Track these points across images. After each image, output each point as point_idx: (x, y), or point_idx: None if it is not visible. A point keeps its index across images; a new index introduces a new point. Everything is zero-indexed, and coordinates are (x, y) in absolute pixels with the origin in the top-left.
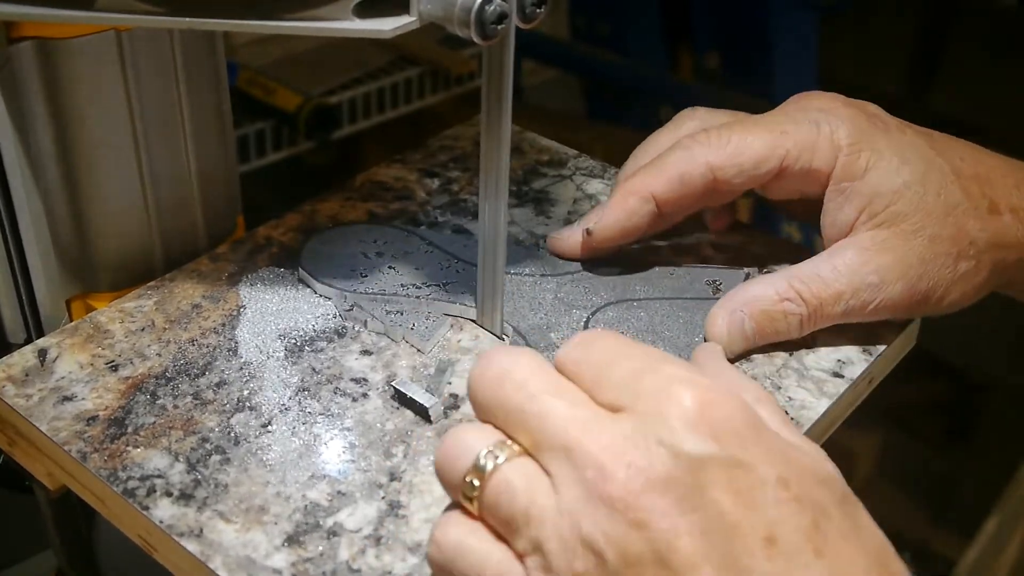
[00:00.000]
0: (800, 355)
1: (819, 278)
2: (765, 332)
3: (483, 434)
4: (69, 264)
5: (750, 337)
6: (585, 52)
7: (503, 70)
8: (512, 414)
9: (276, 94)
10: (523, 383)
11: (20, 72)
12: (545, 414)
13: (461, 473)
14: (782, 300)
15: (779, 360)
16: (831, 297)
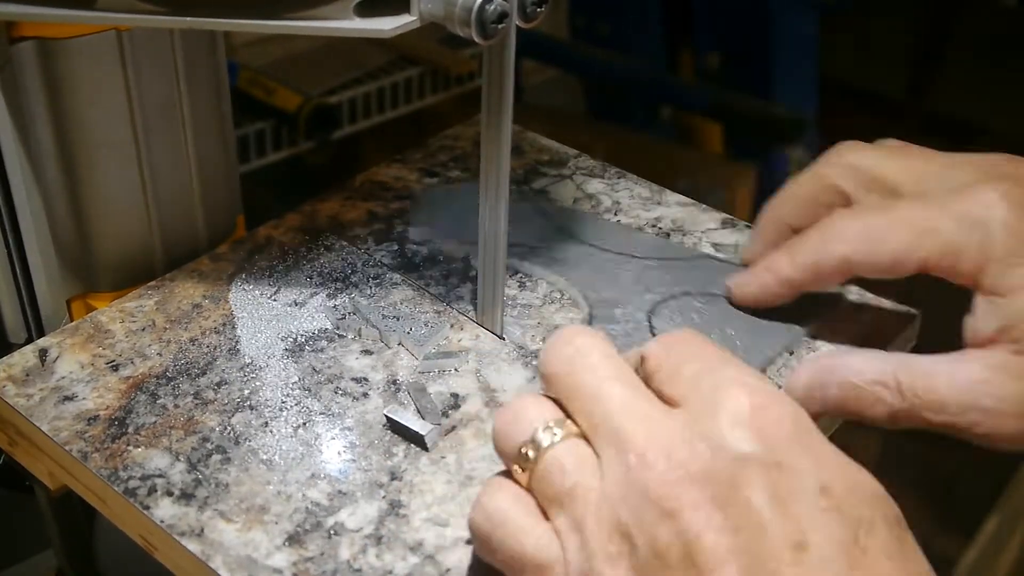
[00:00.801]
0: (800, 355)
1: (929, 379)
2: (847, 407)
3: (544, 408)
4: (69, 264)
5: (829, 406)
6: (585, 52)
7: (503, 70)
8: (576, 394)
9: (276, 94)
10: (593, 367)
11: (20, 72)
12: (606, 399)
13: (518, 443)
14: (878, 384)
15: (779, 360)
16: (933, 403)
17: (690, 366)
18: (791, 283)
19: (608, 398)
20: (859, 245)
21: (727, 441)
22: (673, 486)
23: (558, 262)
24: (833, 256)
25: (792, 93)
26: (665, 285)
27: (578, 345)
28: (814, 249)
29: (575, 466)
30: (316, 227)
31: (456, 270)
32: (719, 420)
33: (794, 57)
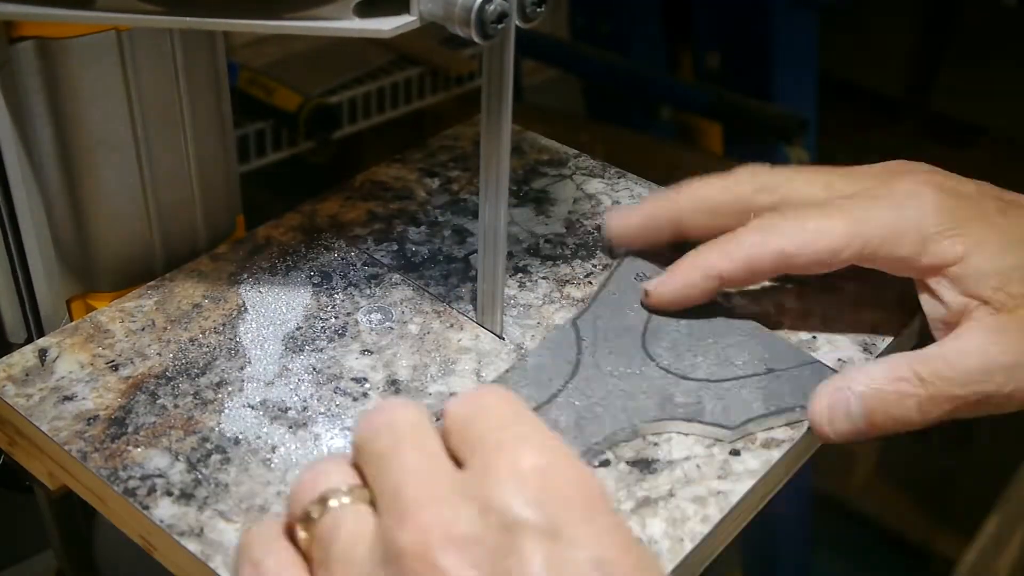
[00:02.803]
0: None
1: (942, 357)
2: (875, 415)
3: (343, 474)
4: (69, 264)
5: (856, 419)
6: (585, 52)
7: (503, 70)
8: (373, 460)
9: (276, 94)
10: (396, 436)
11: (20, 72)
12: (396, 466)
13: (305, 504)
14: (897, 379)
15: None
16: (958, 378)
17: (479, 424)
18: (722, 278)
19: (397, 465)
20: (796, 238)
21: (502, 504)
22: (430, 549)
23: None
24: (769, 249)
25: (792, 93)
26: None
27: (389, 417)
28: (749, 243)
29: (350, 533)
30: (316, 227)
31: (456, 270)
32: (497, 481)
33: (794, 57)
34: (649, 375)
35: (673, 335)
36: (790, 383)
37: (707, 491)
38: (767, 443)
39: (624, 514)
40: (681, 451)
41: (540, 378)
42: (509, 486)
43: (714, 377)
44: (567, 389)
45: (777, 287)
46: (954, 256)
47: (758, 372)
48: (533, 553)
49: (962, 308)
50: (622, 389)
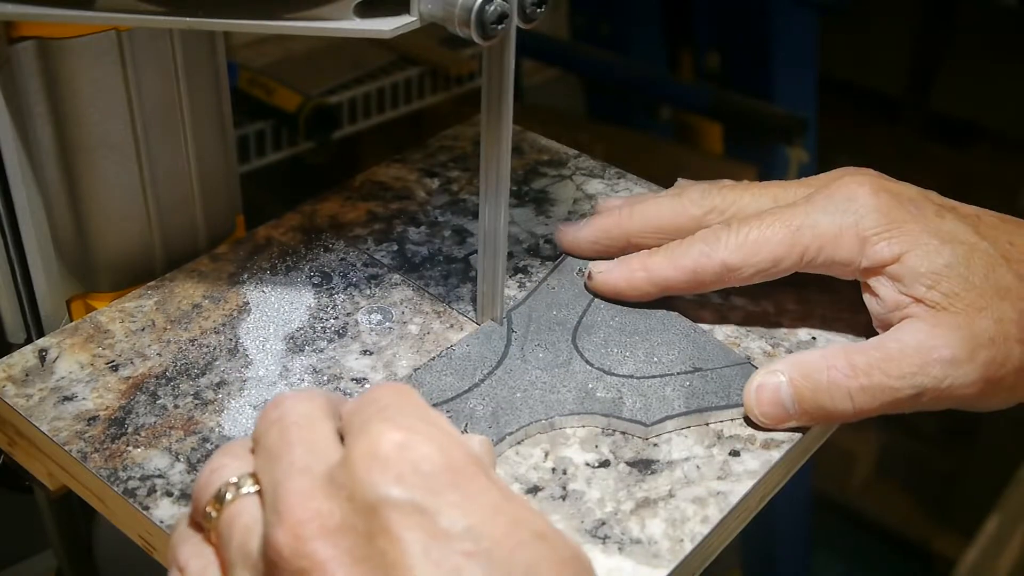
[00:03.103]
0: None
1: (881, 348)
2: (805, 400)
3: (239, 463)
4: (69, 264)
5: (787, 405)
6: (585, 52)
7: (503, 70)
8: (261, 454)
9: (276, 94)
10: (282, 429)
11: (20, 72)
12: (279, 458)
13: (208, 498)
14: (830, 368)
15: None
16: (893, 371)
17: (358, 413)
18: (666, 284)
19: (279, 462)
20: (738, 250)
21: (364, 486)
22: (306, 543)
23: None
24: (714, 261)
25: (792, 93)
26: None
27: (285, 408)
28: (697, 253)
29: (249, 524)
30: (316, 227)
31: (456, 270)
32: (358, 464)
33: (794, 57)
34: (573, 369)
35: (604, 331)
36: (715, 383)
37: (707, 492)
38: (767, 443)
39: (624, 514)
40: (681, 452)
41: (465, 367)
42: (370, 467)
43: (639, 374)
44: (489, 379)
45: (777, 287)
46: (891, 256)
47: (685, 370)
48: (401, 529)
49: (899, 305)
50: (544, 382)
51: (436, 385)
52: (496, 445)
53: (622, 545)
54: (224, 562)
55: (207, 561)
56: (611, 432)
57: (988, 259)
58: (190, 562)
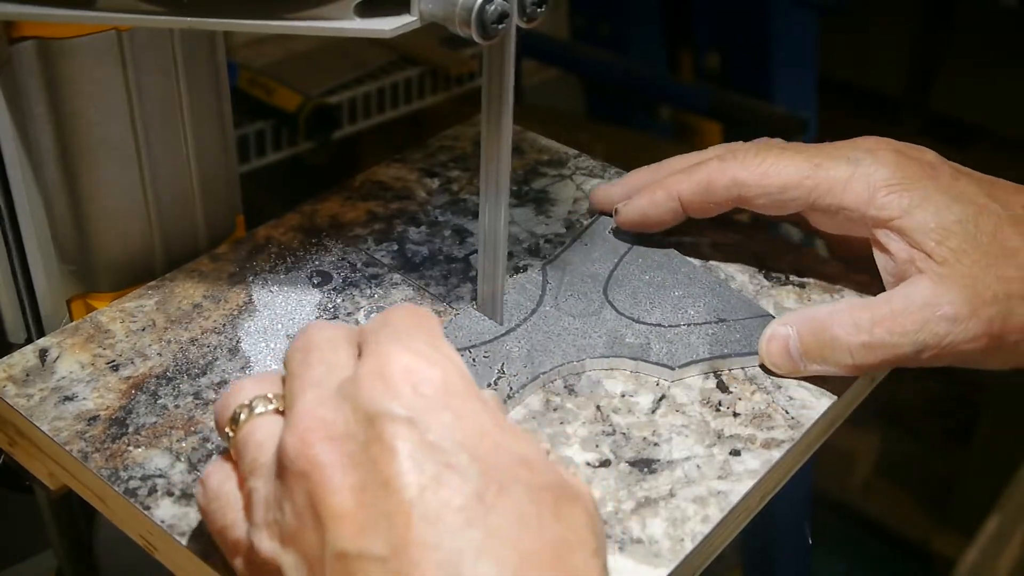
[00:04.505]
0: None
1: (887, 304)
2: (811, 353)
3: (263, 386)
4: (69, 264)
5: (795, 358)
6: (585, 52)
7: (504, 70)
8: (288, 375)
9: (276, 94)
10: (306, 350)
11: (20, 72)
12: (301, 375)
13: (228, 415)
14: (837, 323)
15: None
16: (896, 328)
17: (376, 332)
18: (681, 198)
19: (299, 379)
20: (753, 170)
21: (367, 400)
22: (310, 446)
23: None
24: (725, 175)
25: (792, 93)
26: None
27: (310, 335)
28: (712, 167)
29: (260, 440)
30: (316, 227)
31: (456, 270)
32: (364, 381)
33: (794, 57)
34: (604, 317)
35: (634, 284)
36: (739, 332)
37: (707, 491)
38: (767, 443)
39: (624, 514)
40: (681, 451)
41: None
42: (374, 384)
43: (666, 323)
44: (525, 324)
45: (778, 287)
46: (899, 209)
47: (709, 320)
48: (392, 437)
49: (908, 259)
50: (576, 328)
51: (474, 328)
52: (530, 383)
53: (623, 545)
54: (240, 476)
55: (226, 476)
56: (612, 432)
57: (997, 219)
58: (211, 477)
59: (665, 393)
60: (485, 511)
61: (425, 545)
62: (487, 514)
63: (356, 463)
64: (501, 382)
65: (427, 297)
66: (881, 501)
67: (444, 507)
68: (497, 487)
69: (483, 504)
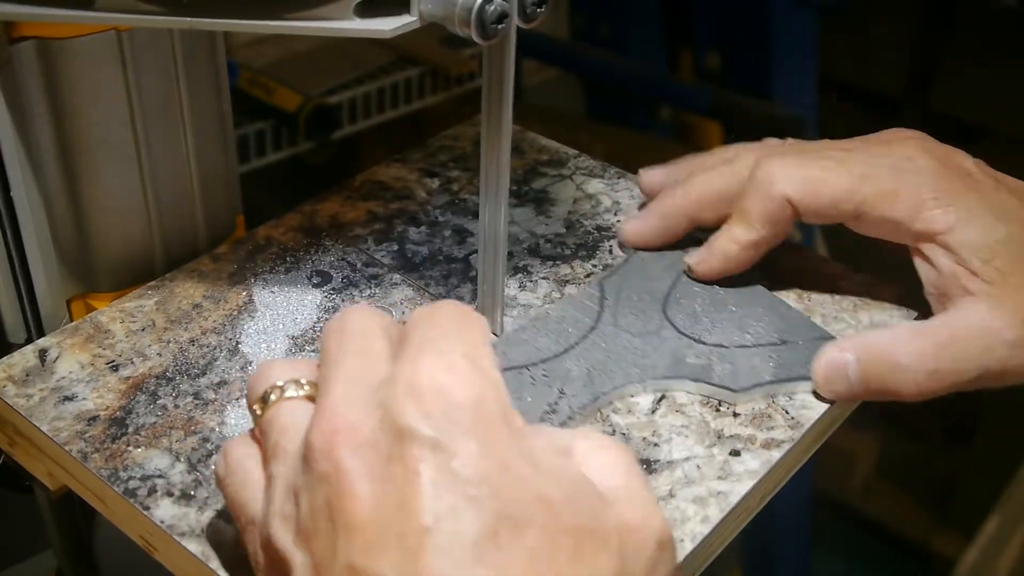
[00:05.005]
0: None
1: (948, 331)
2: (871, 381)
3: (289, 369)
4: (69, 264)
5: (854, 383)
6: (585, 52)
7: (503, 70)
8: (322, 361)
9: (276, 94)
10: (341, 338)
11: (20, 72)
12: (336, 364)
13: (258, 394)
14: (901, 352)
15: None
16: (960, 354)
17: (419, 331)
18: (754, 244)
19: (333, 369)
20: (800, 187)
21: (397, 413)
22: (335, 448)
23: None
24: (778, 199)
25: (792, 93)
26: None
27: (347, 320)
28: (759, 200)
29: (286, 424)
30: (316, 227)
31: (456, 270)
32: (398, 391)
33: (794, 57)
34: (664, 336)
35: (694, 302)
36: (802, 354)
37: (707, 491)
38: (767, 443)
39: None
40: (681, 451)
41: (560, 329)
42: (407, 397)
43: (727, 343)
44: (584, 342)
45: (779, 286)
46: (945, 225)
47: (772, 342)
48: (417, 461)
49: (953, 275)
50: (636, 347)
51: (532, 345)
52: (590, 404)
53: None
54: (263, 456)
55: (248, 452)
56: (611, 432)
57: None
58: (234, 450)
59: (665, 393)
60: (496, 549)
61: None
62: (498, 552)
63: (377, 475)
64: (561, 402)
65: (427, 297)
66: (881, 501)
67: (456, 540)
68: (513, 526)
69: (495, 542)
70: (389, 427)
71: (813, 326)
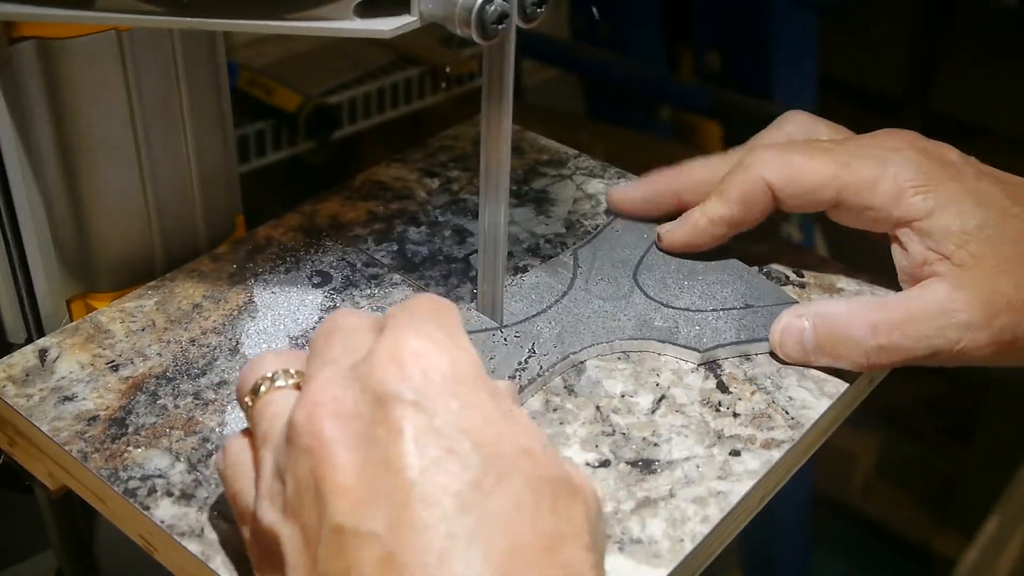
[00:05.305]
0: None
1: (904, 308)
2: (824, 348)
3: (279, 360)
4: (69, 264)
5: (809, 349)
6: (585, 52)
7: (503, 70)
8: (311, 352)
9: (276, 94)
10: (329, 334)
11: (20, 72)
12: (315, 359)
13: (248, 387)
14: (853, 324)
15: (780, 359)
16: (911, 332)
17: (395, 318)
18: (724, 221)
19: (319, 359)
20: (783, 172)
21: (377, 381)
22: (317, 422)
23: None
24: (758, 182)
25: (792, 93)
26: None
27: (336, 320)
28: (739, 181)
29: (276, 412)
30: (316, 227)
31: (456, 270)
32: (376, 362)
33: (794, 57)
34: (634, 301)
35: (664, 270)
36: (765, 318)
37: (707, 491)
38: (767, 443)
39: (624, 514)
40: (681, 451)
41: (533, 295)
42: (386, 366)
43: (694, 307)
44: (556, 306)
45: (777, 286)
46: (923, 210)
47: (736, 306)
48: (399, 419)
49: (924, 261)
50: (606, 311)
51: (506, 309)
52: (559, 363)
53: (622, 545)
54: (253, 447)
55: (245, 445)
56: (611, 432)
57: (1019, 225)
58: (232, 444)
59: (665, 393)
60: (481, 498)
61: (419, 527)
62: (483, 501)
63: (361, 441)
64: (531, 361)
65: None
66: (881, 501)
67: (442, 491)
68: (496, 475)
69: (480, 491)
70: (371, 395)
71: (780, 293)
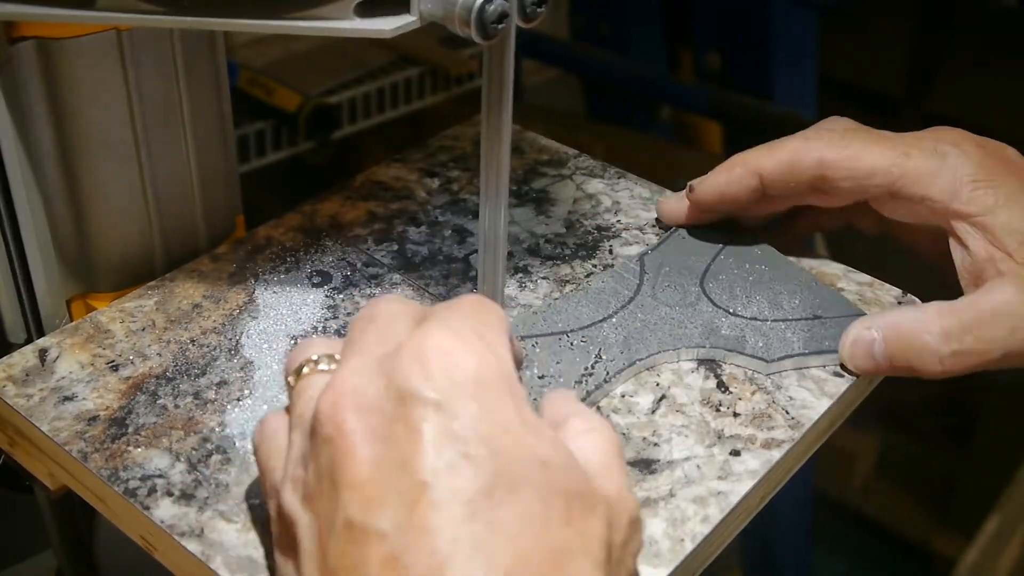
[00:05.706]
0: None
1: (974, 311)
2: (896, 358)
3: (326, 345)
4: (69, 264)
5: (880, 361)
6: (585, 52)
7: (503, 70)
8: (347, 340)
9: (276, 94)
10: (366, 321)
11: (20, 72)
12: (356, 341)
13: (292, 368)
14: (926, 331)
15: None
16: (984, 335)
17: (437, 314)
18: (763, 175)
19: (353, 346)
20: (840, 152)
21: (401, 378)
22: (339, 412)
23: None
24: (811, 154)
25: (792, 93)
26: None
27: (375, 307)
28: (794, 146)
29: (311, 396)
30: (316, 227)
31: (456, 270)
32: (402, 358)
33: (794, 57)
34: (701, 309)
35: (731, 278)
36: (834, 329)
37: (707, 491)
38: (767, 443)
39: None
40: (681, 451)
41: (599, 300)
42: (412, 362)
43: (761, 317)
44: (622, 312)
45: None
46: (984, 206)
47: (805, 317)
48: (419, 420)
49: (987, 257)
50: (673, 318)
51: (573, 313)
52: (625, 370)
53: None
54: (290, 424)
55: (281, 423)
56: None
57: None
58: (269, 421)
59: (665, 393)
60: (491, 506)
61: (426, 530)
62: (492, 509)
63: (379, 437)
64: (598, 367)
65: (427, 297)
66: (881, 501)
67: (453, 496)
68: (509, 484)
69: (490, 499)
70: (394, 391)
71: (847, 304)
